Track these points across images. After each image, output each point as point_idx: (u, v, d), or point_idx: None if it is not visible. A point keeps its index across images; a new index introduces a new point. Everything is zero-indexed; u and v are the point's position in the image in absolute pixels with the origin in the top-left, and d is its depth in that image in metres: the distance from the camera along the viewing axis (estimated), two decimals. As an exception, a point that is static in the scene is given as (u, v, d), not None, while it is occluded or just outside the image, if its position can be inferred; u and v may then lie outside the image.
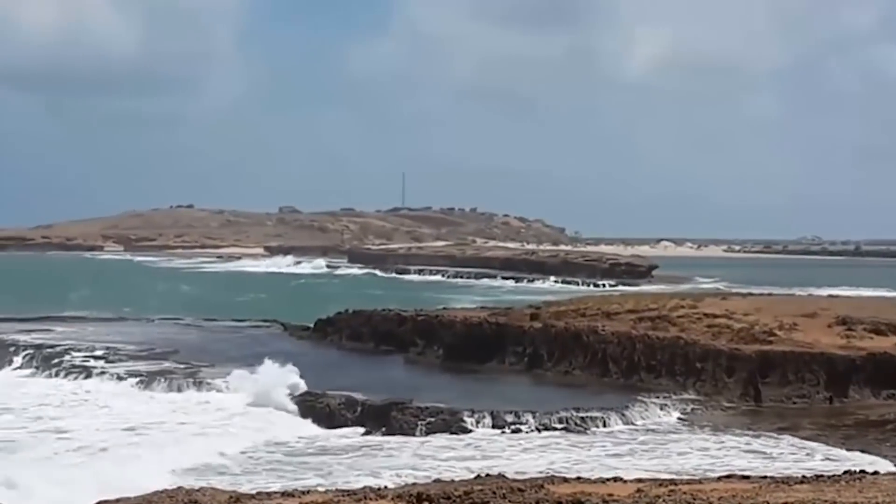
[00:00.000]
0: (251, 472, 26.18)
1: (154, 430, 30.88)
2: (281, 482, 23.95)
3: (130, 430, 30.96)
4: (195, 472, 24.88)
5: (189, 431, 30.85)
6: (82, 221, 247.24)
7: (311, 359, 43.13)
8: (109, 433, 30.39)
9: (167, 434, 30.34)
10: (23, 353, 43.28)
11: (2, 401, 35.59)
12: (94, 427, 31.26)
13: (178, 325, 55.61)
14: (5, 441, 29.07)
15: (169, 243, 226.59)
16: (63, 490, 22.29)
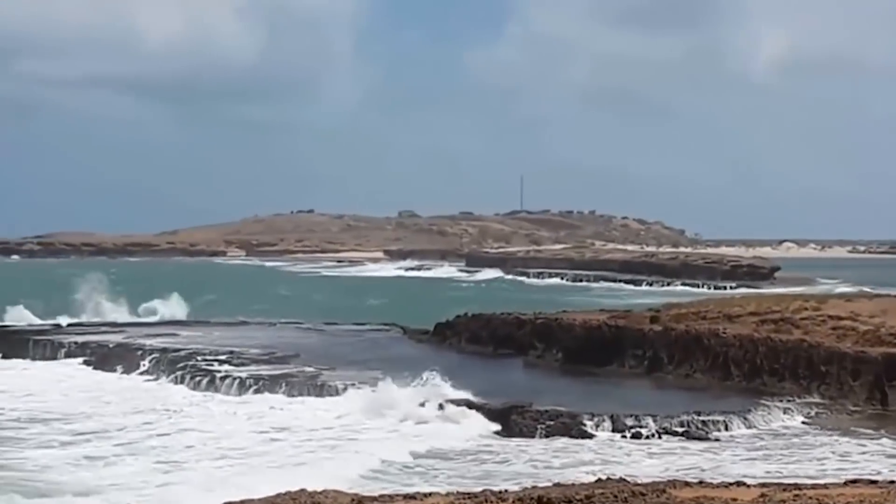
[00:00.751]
0: (374, 478, 26.32)
1: (298, 437, 31.09)
2: (393, 486, 24.07)
3: (280, 436, 31.25)
4: (354, 480, 24.94)
5: (329, 437, 31.06)
6: (206, 227, 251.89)
7: (431, 362, 43.32)
8: (259, 440, 30.74)
9: (317, 441, 30.51)
10: (149, 357, 44.13)
11: (136, 405, 36.39)
12: (245, 431, 31.75)
13: (299, 328, 56.25)
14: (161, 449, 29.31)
15: (290, 248, 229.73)
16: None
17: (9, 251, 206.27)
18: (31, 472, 26.74)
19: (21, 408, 35.74)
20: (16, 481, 25.56)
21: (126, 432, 31.65)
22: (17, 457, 28.68)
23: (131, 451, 29.13)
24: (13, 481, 25.52)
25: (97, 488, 24.93)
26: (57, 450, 29.46)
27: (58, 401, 37.29)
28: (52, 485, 25.31)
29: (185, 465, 27.39)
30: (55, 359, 46.70)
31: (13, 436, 31.49)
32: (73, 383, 41.19)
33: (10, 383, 41.26)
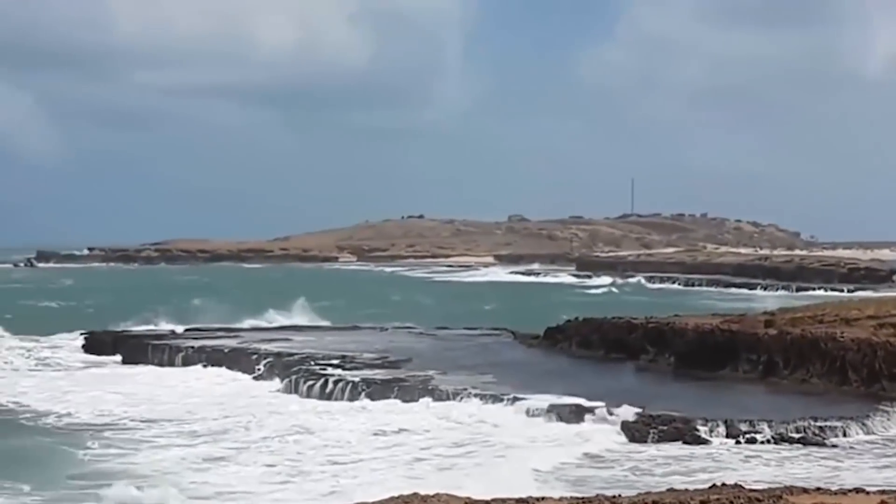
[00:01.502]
0: (494, 482, 26.31)
1: (412, 441, 31.21)
2: (510, 491, 24.04)
3: (395, 439, 31.46)
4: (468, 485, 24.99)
5: (443, 442, 31.07)
6: (318, 233, 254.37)
7: (542, 367, 43.36)
8: (373, 444, 30.88)
9: (432, 446, 30.58)
10: (263, 361, 44.73)
11: (250, 409, 36.94)
12: (358, 435, 31.84)
13: (411, 333, 56.53)
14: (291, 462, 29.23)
15: (401, 253, 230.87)
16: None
17: (128, 258, 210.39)
18: (151, 474, 27.28)
19: (139, 411, 36.59)
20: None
21: (241, 435, 32.22)
22: (135, 459, 29.39)
23: (247, 453, 29.61)
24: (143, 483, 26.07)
25: (216, 492, 25.38)
26: (174, 452, 30.08)
27: (175, 404, 38.10)
28: (174, 486, 25.80)
29: (300, 469, 27.74)
30: (173, 364, 47.59)
31: (131, 437, 32.34)
32: (189, 387, 42.05)
33: (129, 387, 42.23)
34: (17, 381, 44.37)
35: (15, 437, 32.84)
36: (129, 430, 33.39)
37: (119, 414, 36.24)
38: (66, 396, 40.25)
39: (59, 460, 29.30)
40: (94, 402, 38.56)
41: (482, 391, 36.18)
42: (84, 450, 30.65)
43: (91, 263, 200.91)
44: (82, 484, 26.58)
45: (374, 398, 37.34)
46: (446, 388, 36.99)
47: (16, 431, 33.91)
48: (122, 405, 37.88)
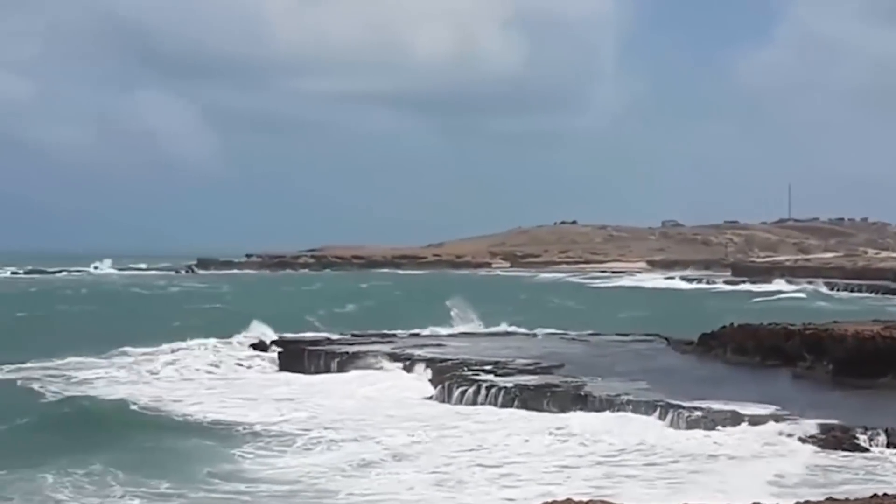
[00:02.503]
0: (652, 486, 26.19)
1: (571, 446, 31.17)
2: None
3: (560, 446, 31.30)
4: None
5: (602, 450, 30.82)
6: (471, 239, 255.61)
7: (697, 373, 42.92)
8: (530, 450, 30.80)
9: (587, 453, 30.44)
10: (417, 366, 45.14)
11: (403, 414, 37.29)
12: (514, 441, 31.71)
13: (563, 339, 56.44)
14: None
15: (553, 259, 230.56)
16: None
17: (284, 265, 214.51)
18: (303, 479, 27.83)
19: (292, 415, 37.24)
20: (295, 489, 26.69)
21: (393, 440, 32.41)
22: (285, 462, 30.02)
23: (401, 460, 29.91)
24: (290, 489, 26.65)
25: (373, 499, 25.75)
26: (326, 456, 30.59)
27: (329, 409, 38.75)
28: (324, 492, 26.30)
29: (455, 476, 27.84)
30: (328, 370, 48.31)
31: (283, 441, 32.92)
32: (345, 392, 42.60)
33: (284, 391, 43.18)
34: (175, 384, 45.69)
35: (167, 435, 33.82)
36: (282, 435, 33.97)
37: (272, 417, 36.98)
38: (217, 398, 41.45)
39: (205, 459, 30.01)
40: (247, 405, 39.62)
41: (636, 397, 35.99)
42: (234, 450, 31.45)
43: (248, 270, 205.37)
44: (226, 487, 27.26)
45: (527, 404, 37.42)
46: (600, 395, 36.85)
47: (168, 430, 34.93)
48: (275, 409, 38.68)
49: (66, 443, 31.66)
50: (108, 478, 27.19)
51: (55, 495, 25.77)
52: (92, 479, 27.05)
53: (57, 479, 26.90)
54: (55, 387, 43.77)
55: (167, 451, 31.06)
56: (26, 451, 30.38)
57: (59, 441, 31.99)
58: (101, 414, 37.27)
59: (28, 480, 26.84)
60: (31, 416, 36.95)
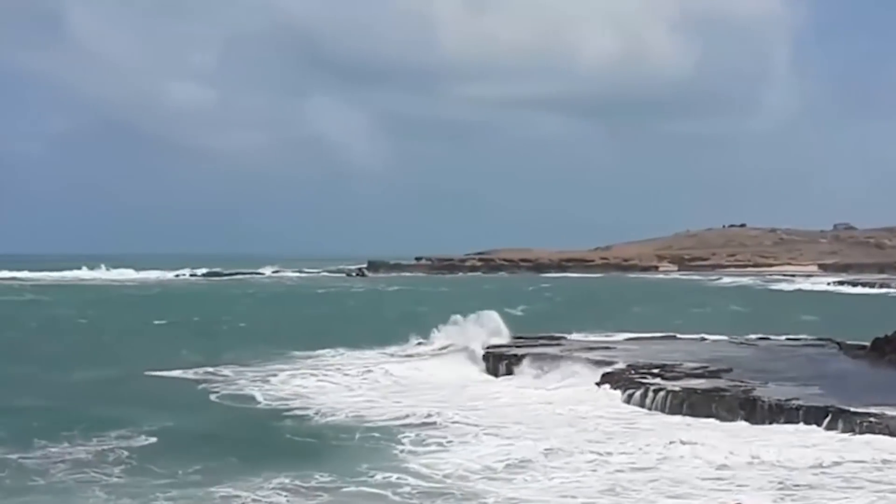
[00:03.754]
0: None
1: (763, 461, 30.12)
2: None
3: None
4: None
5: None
6: (638, 242, 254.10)
7: (870, 378, 42.23)
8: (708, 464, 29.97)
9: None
10: (584, 369, 45.22)
11: (571, 416, 37.64)
12: (689, 451, 31.10)
13: (731, 343, 55.91)
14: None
15: (721, 262, 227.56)
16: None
17: (453, 268, 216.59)
18: (451, 480, 28.08)
19: (451, 414, 37.60)
20: (436, 490, 27.13)
21: (552, 442, 32.26)
22: (437, 459, 30.40)
23: (569, 463, 29.90)
24: (433, 490, 27.06)
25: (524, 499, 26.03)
26: (480, 455, 30.77)
27: (489, 409, 39.25)
28: (470, 494, 26.55)
29: (613, 481, 27.77)
30: (496, 372, 48.70)
31: (438, 439, 33.32)
32: (508, 393, 43.14)
33: (447, 392, 43.67)
34: (335, 382, 46.58)
35: (326, 428, 34.90)
36: (439, 429, 34.67)
37: (429, 416, 37.54)
38: (378, 396, 42.26)
39: (357, 454, 30.65)
40: (407, 403, 40.35)
41: (806, 402, 35.59)
42: (388, 445, 32.06)
43: (417, 273, 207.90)
44: (374, 479, 27.76)
45: (694, 408, 37.31)
46: (769, 399, 36.47)
47: (329, 423, 35.98)
48: (435, 407, 39.20)
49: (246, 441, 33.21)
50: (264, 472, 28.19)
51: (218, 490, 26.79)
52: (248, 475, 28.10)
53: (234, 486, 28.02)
54: (248, 387, 45.56)
55: (326, 447, 31.95)
56: (200, 447, 31.72)
57: (242, 436, 33.63)
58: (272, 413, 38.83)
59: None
60: (209, 413, 38.83)
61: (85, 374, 48.82)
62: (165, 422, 35.49)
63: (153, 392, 43.96)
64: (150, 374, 48.60)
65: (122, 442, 32.05)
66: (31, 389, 43.98)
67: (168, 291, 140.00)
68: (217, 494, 25.87)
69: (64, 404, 39.73)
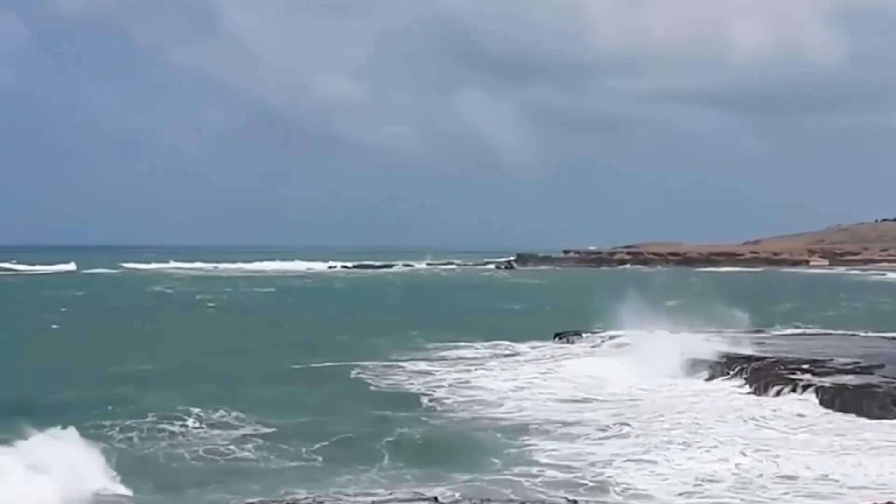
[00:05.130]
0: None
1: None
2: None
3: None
4: None
5: None
6: (788, 236, 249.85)
7: None
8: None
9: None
10: (733, 363, 45.41)
11: (718, 412, 37.86)
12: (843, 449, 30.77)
13: (883, 338, 55.50)
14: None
15: (874, 257, 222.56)
16: None
17: (601, 261, 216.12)
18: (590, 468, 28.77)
19: (580, 405, 38.66)
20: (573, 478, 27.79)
21: (693, 438, 32.46)
22: (566, 453, 30.94)
23: (719, 458, 30.00)
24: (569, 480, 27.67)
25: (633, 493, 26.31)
26: (612, 449, 31.26)
27: (635, 401, 39.93)
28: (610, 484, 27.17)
29: (748, 479, 27.57)
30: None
31: (568, 432, 33.79)
32: (655, 388, 43.37)
33: (581, 382, 44.45)
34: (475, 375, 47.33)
35: (462, 425, 35.55)
36: (568, 426, 34.84)
37: (564, 407, 38.51)
38: (515, 391, 42.58)
39: (491, 451, 30.97)
40: (546, 397, 41.09)
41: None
42: (521, 440, 32.57)
43: (566, 266, 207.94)
44: (511, 473, 28.41)
45: (845, 405, 37.08)
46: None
47: (460, 420, 36.61)
48: (571, 398, 40.17)
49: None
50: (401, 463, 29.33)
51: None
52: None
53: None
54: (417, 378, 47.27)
55: (462, 440, 32.71)
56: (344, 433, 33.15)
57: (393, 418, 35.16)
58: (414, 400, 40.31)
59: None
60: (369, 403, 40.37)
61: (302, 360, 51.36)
62: (323, 412, 37.16)
63: (311, 380, 45.85)
64: (310, 366, 50.37)
65: (280, 427, 33.78)
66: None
67: (325, 283, 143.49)
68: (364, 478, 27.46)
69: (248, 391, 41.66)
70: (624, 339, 53.56)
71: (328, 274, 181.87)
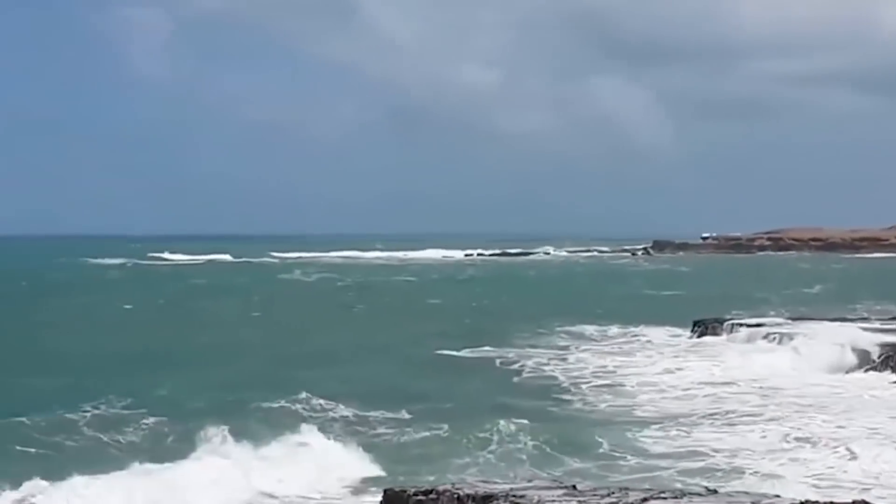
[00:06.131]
0: None
1: None
2: None
3: None
4: None
5: None
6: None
7: None
8: None
9: None
10: (878, 352, 44.67)
11: (861, 401, 37.16)
12: None
13: None
14: None
15: None
16: None
17: (740, 247, 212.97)
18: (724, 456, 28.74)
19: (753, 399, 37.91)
20: (706, 465, 27.74)
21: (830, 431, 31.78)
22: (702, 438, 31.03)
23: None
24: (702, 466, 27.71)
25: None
26: (753, 438, 31.03)
27: (782, 389, 39.50)
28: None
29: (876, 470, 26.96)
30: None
31: (713, 422, 33.58)
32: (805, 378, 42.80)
33: (736, 374, 43.69)
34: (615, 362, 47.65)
35: (598, 413, 35.83)
36: (711, 418, 34.54)
37: (704, 391, 38.53)
38: (654, 380, 42.68)
39: (624, 439, 31.07)
40: (685, 385, 40.99)
41: None
42: (656, 428, 32.61)
43: (703, 253, 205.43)
44: (636, 464, 28.41)
45: None
46: None
47: (597, 408, 36.82)
48: (710, 381, 40.19)
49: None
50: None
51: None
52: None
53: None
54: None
55: (598, 428, 32.86)
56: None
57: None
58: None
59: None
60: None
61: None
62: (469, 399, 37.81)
63: (451, 367, 46.82)
64: (449, 353, 51.11)
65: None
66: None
67: (462, 271, 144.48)
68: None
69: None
70: (769, 329, 52.61)
71: (466, 262, 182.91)
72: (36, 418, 31.25)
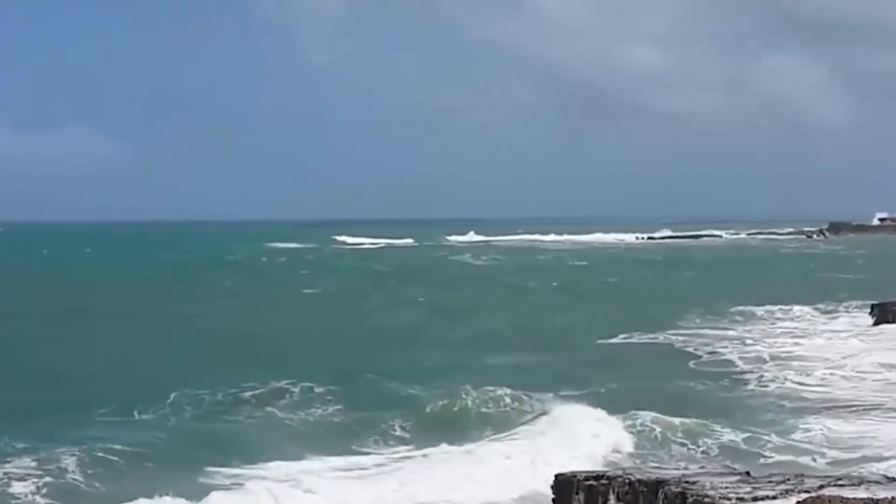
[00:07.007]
0: None
1: None
2: None
3: None
4: None
5: None
6: None
7: None
8: None
9: None
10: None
11: None
12: None
13: None
14: None
15: None
16: None
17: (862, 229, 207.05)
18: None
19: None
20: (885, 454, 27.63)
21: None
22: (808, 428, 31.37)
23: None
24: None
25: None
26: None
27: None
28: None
29: None
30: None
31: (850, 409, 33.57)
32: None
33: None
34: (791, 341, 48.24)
35: (770, 396, 36.37)
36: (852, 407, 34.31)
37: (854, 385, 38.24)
38: (832, 365, 42.42)
39: (795, 425, 31.41)
40: (862, 372, 40.84)
41: None
42: (828, 415, 32.66)
43: (881, 234, 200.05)
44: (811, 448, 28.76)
45: None
46: None
47: (771, 392, 37.31)
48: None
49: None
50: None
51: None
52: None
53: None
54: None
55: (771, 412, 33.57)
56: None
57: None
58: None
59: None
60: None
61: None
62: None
63: (627, 350, 48.36)
64: (621, 338, 52.12)
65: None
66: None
67: (633, 254, 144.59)
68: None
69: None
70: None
71: (637, 245, 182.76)
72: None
